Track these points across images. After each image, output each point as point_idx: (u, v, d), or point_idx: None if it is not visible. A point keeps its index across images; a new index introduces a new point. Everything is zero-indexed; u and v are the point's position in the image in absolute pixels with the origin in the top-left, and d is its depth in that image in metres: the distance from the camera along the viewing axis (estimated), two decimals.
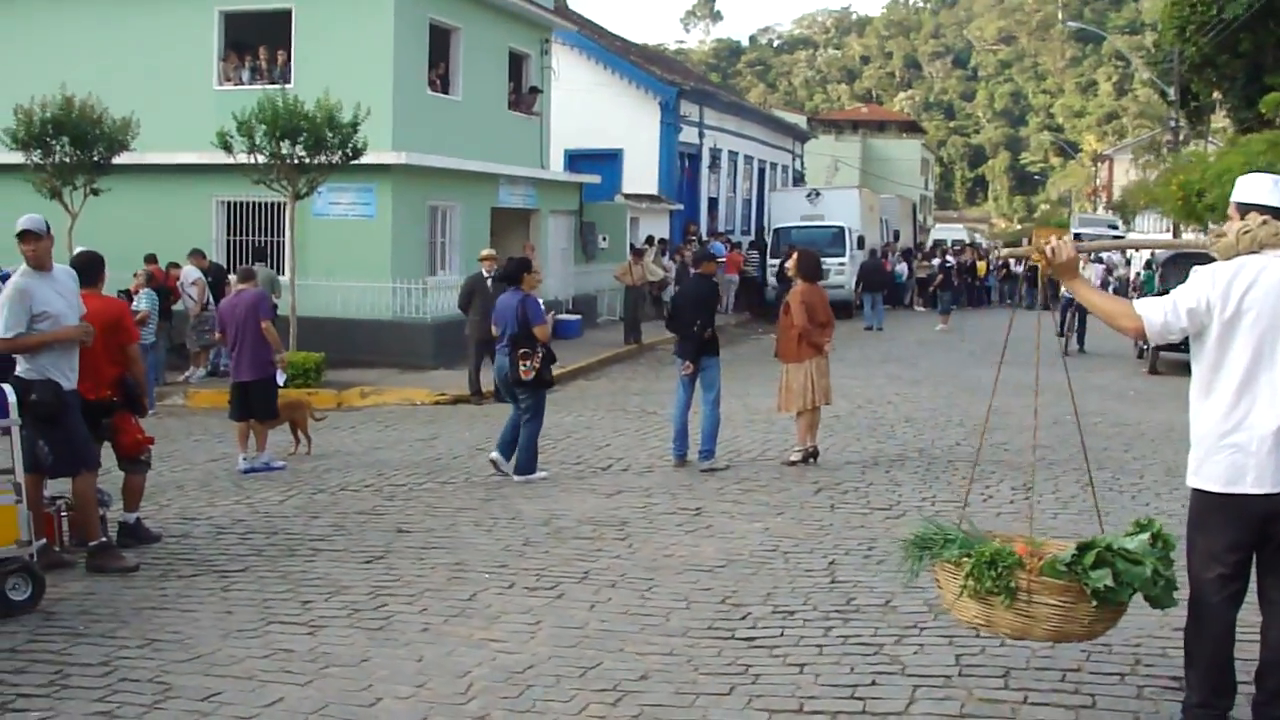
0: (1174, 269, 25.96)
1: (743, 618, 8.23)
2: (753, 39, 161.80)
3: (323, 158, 20.83)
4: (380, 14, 23.99)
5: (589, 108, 35.69)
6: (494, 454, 13.60)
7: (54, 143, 21.36)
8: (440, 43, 26.23)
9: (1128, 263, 50.55)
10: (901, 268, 43.64)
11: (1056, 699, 6.73)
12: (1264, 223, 5.73)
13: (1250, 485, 5.70)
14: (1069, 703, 6.68)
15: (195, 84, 25.08)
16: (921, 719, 6.47)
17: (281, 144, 20.44)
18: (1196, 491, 5.95)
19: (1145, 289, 45.97)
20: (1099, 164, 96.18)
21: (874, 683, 6.98)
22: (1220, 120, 58.71)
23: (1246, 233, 5.76)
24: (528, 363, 13.35)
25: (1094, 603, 5.84)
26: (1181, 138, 65.36)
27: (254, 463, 14.17)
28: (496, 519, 11.28)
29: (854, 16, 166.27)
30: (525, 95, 30.20)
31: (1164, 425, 17.90)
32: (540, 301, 14.00)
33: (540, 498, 12.29)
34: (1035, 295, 33.50)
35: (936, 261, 43.90)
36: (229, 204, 24.98)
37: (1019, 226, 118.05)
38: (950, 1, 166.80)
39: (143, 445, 10.52)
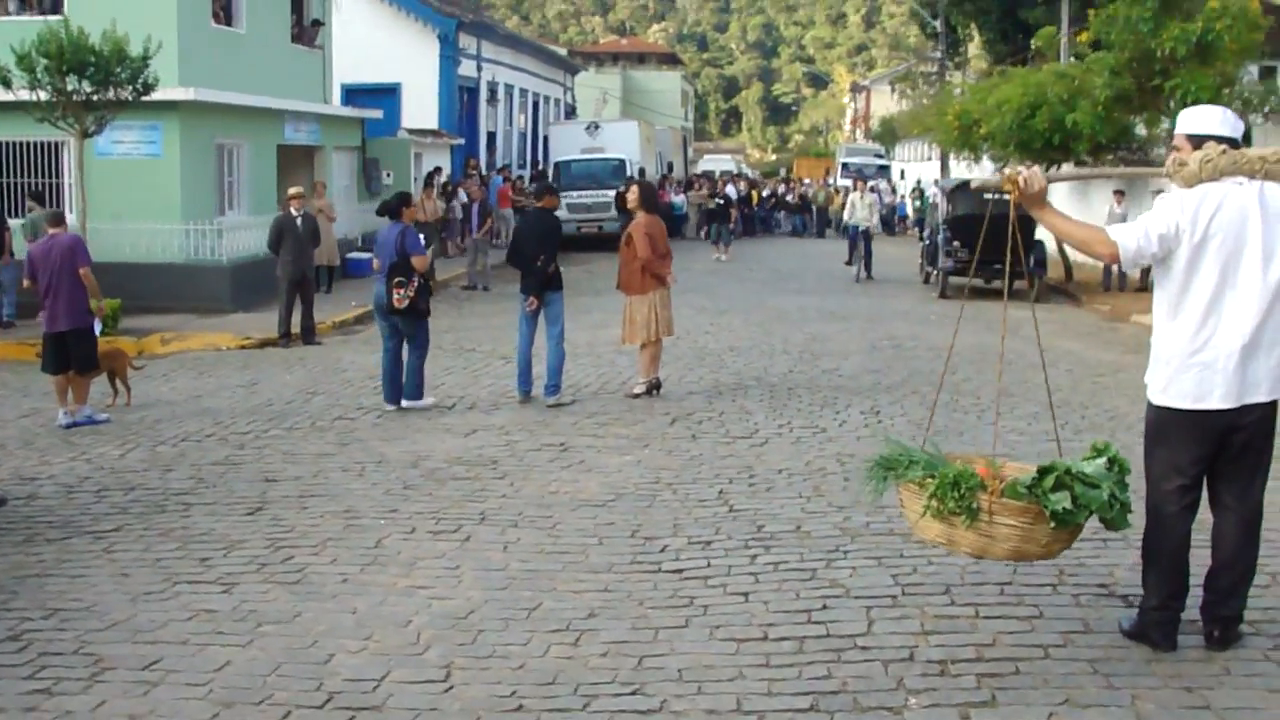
0: (959, 197, 26.67)
1: (661, 550, 8.19)
2: None
3: (112, 93, 19.80)
4: None
5: (365, 40, 34.85)
6: (389, 407, 13.64)
7: None
8: None
9: (893, 191, 51.86)
10: (680, 199, 43.91)
11: (1005, 611, 6.89)
12: (1223, 152, 5.91)
13: (1217, 401, 5.93)
14: (1019, 614, 6.85)
15: None
16: (889, 638, 6.51)
17: (68, 79, 19.37)
18: (1162, 408, 6.10)
19: (921, 218, 47.31)
20: (856, 95, 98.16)
21: (825, 606, 7.02)
22: (975, 52, 60.39)
23: (1208, 161, 5.92)
24: (401, 291, 13.46)
25: (1052, 524, 5.99)
26: (936, 69, 67.24)
27: (76, 416, 13.48)
28: (361, 463, 10.98)
29: None
30: (308, 28, 29.30)
31: (975, 347, 18.34)
32: (420, 235, 13.97)
33: (397, 439, 12.01)
34: (808, 222, 33.79)
35: (729, 191, 44.24)
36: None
37: (774, 157, 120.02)
38: None
39: None
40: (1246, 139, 22.88)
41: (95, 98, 19.72)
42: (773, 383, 15.07)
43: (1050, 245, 27.74)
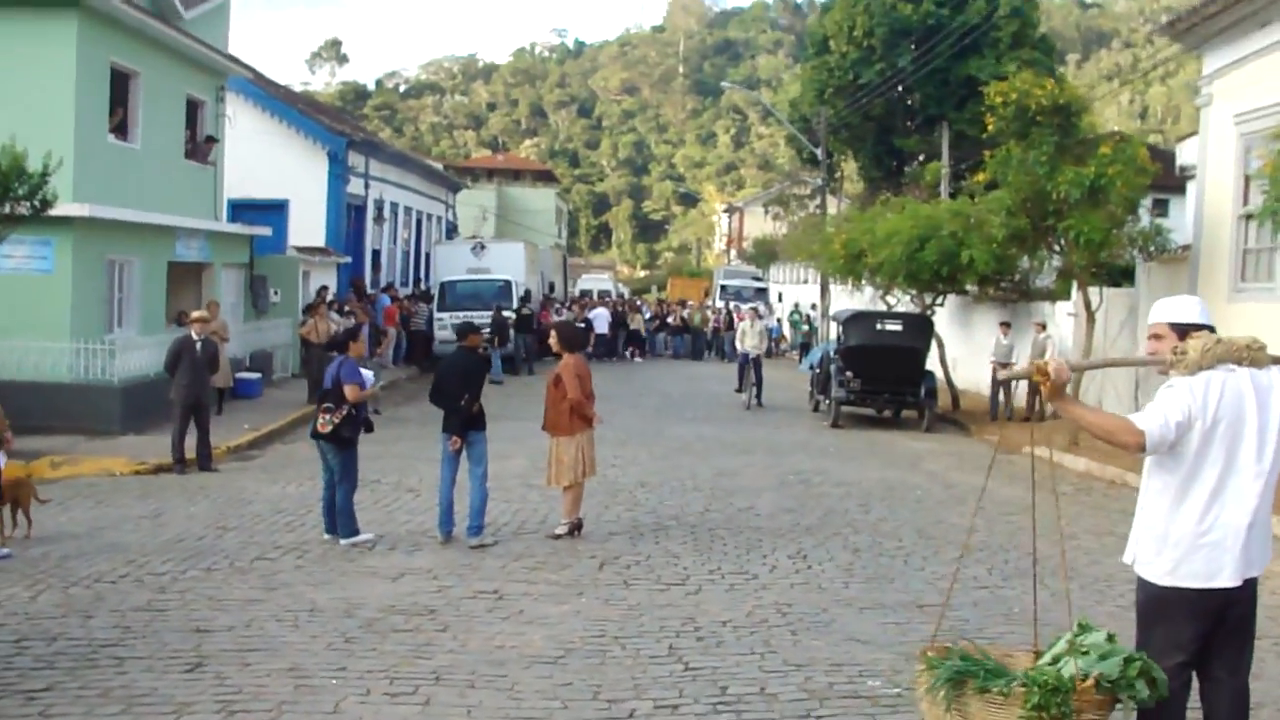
0: (853, 327, 27.01)
1: (629, 716, 8.03)
2: (379, 83, 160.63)
3: (6, 208, 19.32)
4: (61, 54, 22.41)
5: (254, 156, 34.46)
6: (326, 536, 13.65)
7: None
8: (119, 87, 24.80)
9: (770, 313, 52.33)
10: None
11: None
12: (1218, 341, 6.09)
13: (1226, 579, 6.07)
14: None
15: None
16: None
17: None
18: (1169, 588, 6.14)
19: (802, 342, 47.86)
20: (730, 215, 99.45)
21: None
22: (849, 177, 61.65)
23: (1208, 351, 6.10)
24: (327, 416, 13.51)
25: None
26: (810, 192, 68.53)
27: None
28: (293, 612, 10.66)
29: (480, 64, 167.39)
30: (201, 144, 28.99)
31: (881, 483, 18.57)
32: (361, 369, 13.89)
33: (325, 584, 11.70)
34: (688, 345, 33.79)
35: (598, 313, 44.53)
36: None
37: (643, 273, 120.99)
38: (575, 52, 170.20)
39: None
40: (1130, 277, 23.52)
41: None
42: (692, 523, 15.00)
43: (940, 374, 28.21)
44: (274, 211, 35.16)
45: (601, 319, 45.45)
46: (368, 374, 14.06)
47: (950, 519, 15.76)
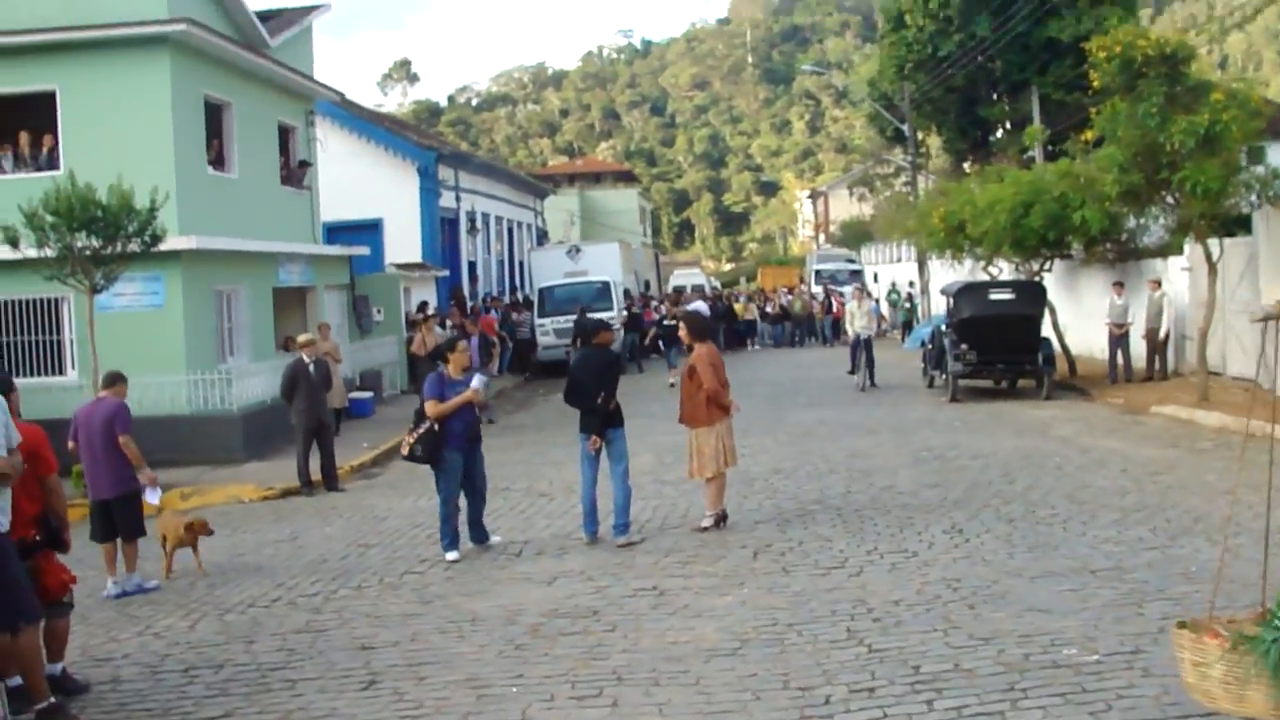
0: (964, 299, 26.53)
1: (826, 702, 7.78)
2: (451, 99, 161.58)
3: (119, 247, 19.43)
4: (156, 92, 22.61)
5: (345, 177, 34.51)
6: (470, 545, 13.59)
7: None
8: (213, 119, 24.95)
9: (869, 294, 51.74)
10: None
11: None
12: None
13: None
14: None
15: None
16: None
17: (77, 235, 19.00)
18: None
19: (904, 320, 47.35)
20: (815, 200, 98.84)
21: None
22: (935, 152, 60.92)
23: None
24: (409, 437, 13.38)
25: None
26: (894, 170, 67.83)
27: (125, 585, 12.99)
28: (455, 623, 10.50)
29: (550, 71, 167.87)
30: (295, 169, 29.10)
31: (1016, 452, 18.17)
32: (441, 380, 13.49)
33: (480, 594, 11.54)
34: (788, 332, 33.60)
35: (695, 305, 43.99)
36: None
37: (729, 266, 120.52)
38: (643, 51, 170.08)
39: (67, 586, 9.46)
40: (1249, 223, 22.89)
41: (104, 252, 19.33)
42: (836, 505, 14.70)
43: (1054, 341, 27.66)
44: (369, 231, 35.36)
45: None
46: (477, 380, 13.59)
47: (1096, 483, 15.34)
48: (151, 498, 13.44)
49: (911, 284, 49.45)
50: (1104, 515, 13.25)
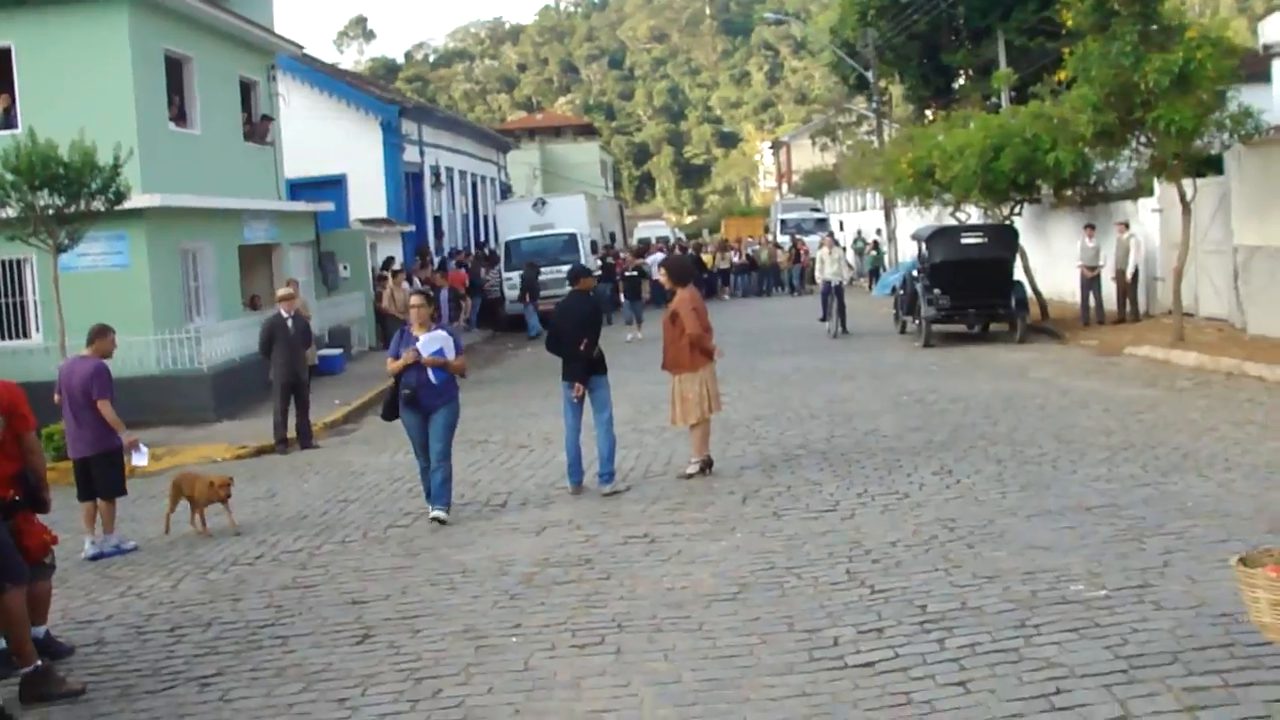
0: (937, 243, 26.43)
1: (834, 643, 7.65)
2: (408, 55, 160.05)
3: (82, 204, 19.03)
4: (116, 46, 22.12)
5: (308, 133, 33.95)
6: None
7: None
8: (174, 74, 24.49)
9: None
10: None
11: (1255, 676, 6.40)
12: None
13: None
14: (1271, 678, 6.35)
15: None
16: None
17: (39, 194, 18.61)
18: None
19: (870, 268, 47.23)
20: (777, 150, 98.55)
21: (1059, 691, 6.50)
22: (899, 100, 60.69)
23: None
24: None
25: None
26: (855, 119, 67.60)
27: (102, 546, 12.76)
28: (445, 575, 10.32)
29: (507, 26, 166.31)
30: (258, 124, 28.66)
31: (996, 395, 18.11)
32: (402, 336, 13.09)
33: (468, 545, 11.36)
34: (755, 282, 33.48)
35: (653, 258, 43.60)
36: None
37: (690, 219, 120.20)
38: (600, 4, 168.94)
39: (49, 546, 9.21)
40: (1217, 164, 22.81)
41: (67, 210, 18.95)
42: (821, 450, 14.58)
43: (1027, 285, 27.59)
44: (333, 187, 35.00)
45: (658, 265, 44.78)
46: (424, 340, 12.74)
47: (1081, 423, 15.26)
48: (138, 459, 13.17)
49: (878, 231, 49.35)
50: (1092, 454, 13.17)
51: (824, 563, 9.57)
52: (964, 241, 26.41)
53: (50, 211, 18.93)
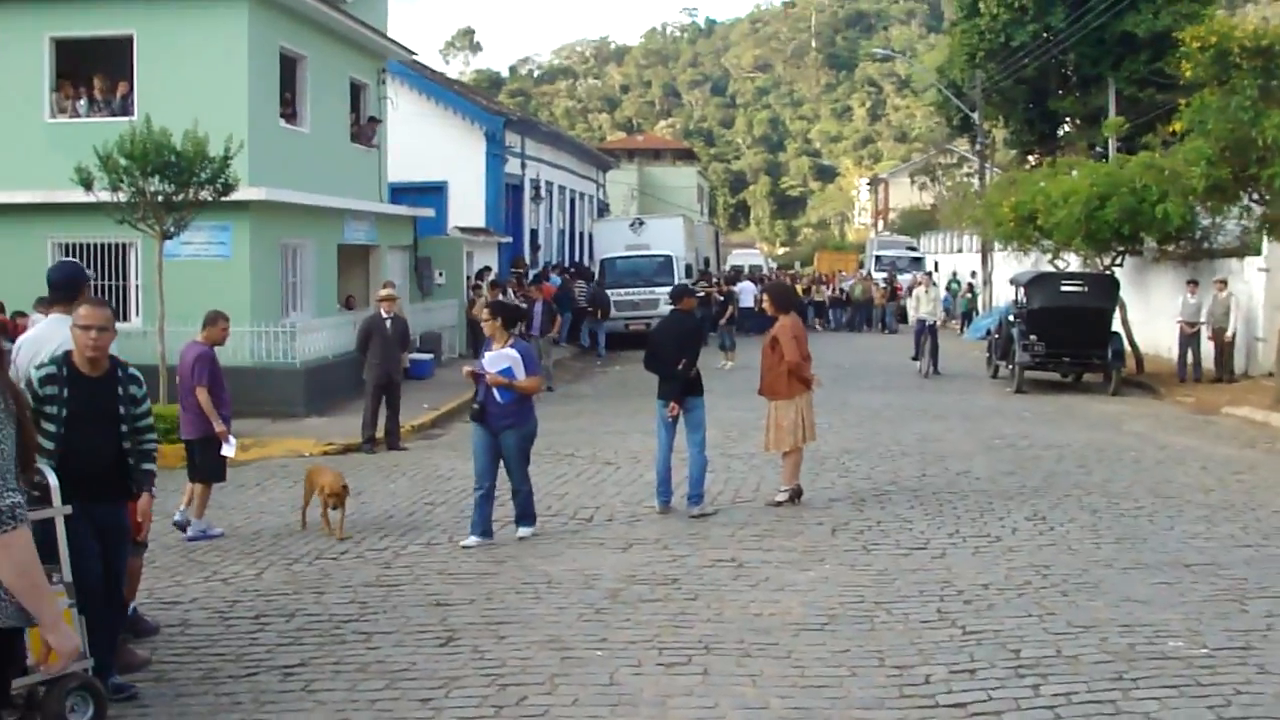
0: (1037, 289, 26.13)
1: (925, 681, 7.53)
2: (513, 70, 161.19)
3: (190, 193, 19.27)
4: (234, 40, 22.46)
5: (412, 139, 34.20)
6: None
7: None
8: (287, 71, 24.79)
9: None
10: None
11: None
12: None
13: None
14: None
15: (24, 116, 23.06)
16: None
17: (150, 180, 18.86)
18: None
19: (964, 310, 46.79)
20: (875, 187, 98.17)
21: None
22: (1001, 143, 60.25)
23: None
24: None
25: None
26: (956, 160, 67.18)
27: (191, 529, 12.86)
28: (530, 584, 10.28)
29: (613, 46, 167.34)
30: (365, 126, 28.92)
31: (1090, 445, 17.84)
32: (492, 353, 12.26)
33: (554, 556, 11.31)
34: (846, 317, 33.01)
35: (743, 287, 43.43)
36: (65, 246, 22.83)
37: (782, 250, 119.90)
38: (707, 31, 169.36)
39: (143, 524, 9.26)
40: None
41: (176, 198, 19.19)
42: (912, 487, 14.42)
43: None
44: (433, 193, 35.21)
45: (747, 293, 44.61)
46: (488, 359, 12.17)
47: (1178, 479, 15.00)
48: (227, 450, 13.24)
49: (973, 274, 48.92)
50: (1190, 511, 12.94)
51: (914, 600, 9.44)
52: (1064, 289, 26.09)
53: (160, 198, 19.17)
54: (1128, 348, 27.46)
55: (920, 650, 8.14)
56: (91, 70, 23.54)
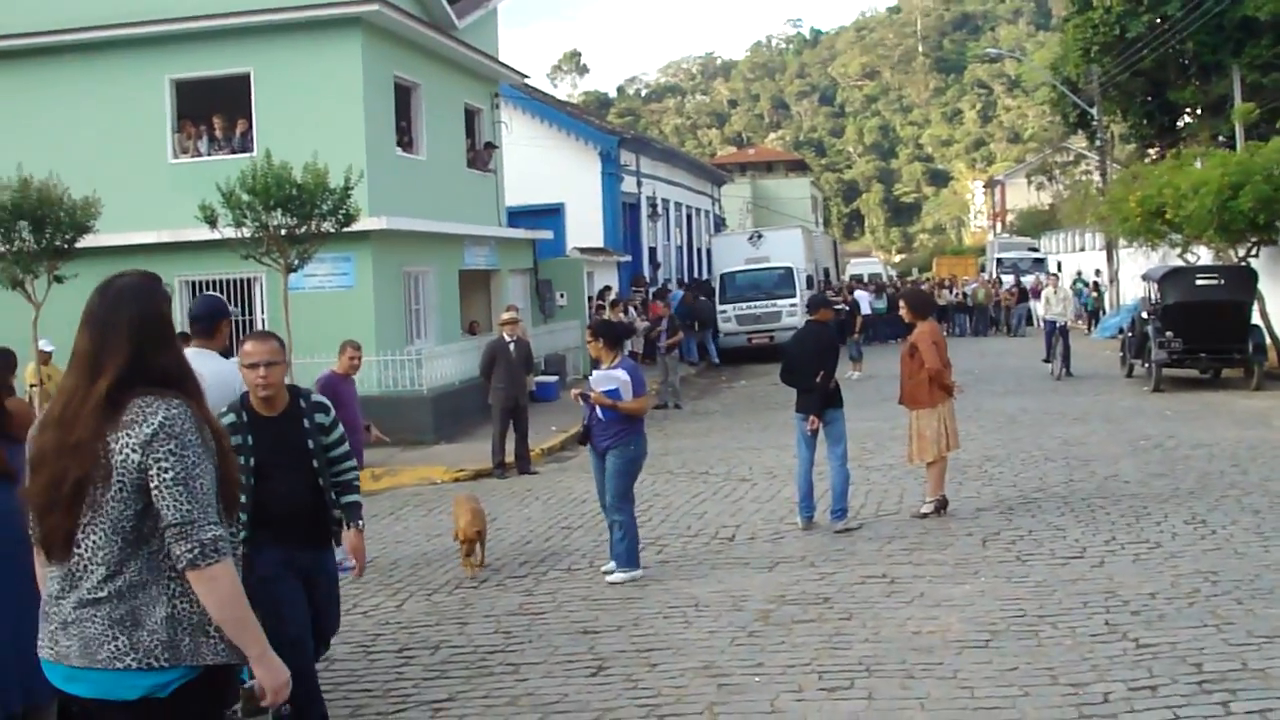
0: (1171, 284, 25.41)
1: (1105, 700, 7.14)
2: (620, 89, 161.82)
3: (313, 225, 19.33)
4: (349, 72, 22.60)
5: (527, 161, 34.30)
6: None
7: (13, 229, 19.38)
8: (402, 100, 24.91)
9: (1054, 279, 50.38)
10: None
11: None
12: None
13: None
14: None
15: (148, 158, 23.39)
16: None
17: (273, 214, 18.94)
18: None
19: (1090, 309, 45.86)
20: (991, 189, 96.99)
21: None
22: (1118, 139, 59.07)
23: None
24: None
25: None
26: (1073, 158, 66.01)
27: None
28: (678, 608, 10.01)
29: (718, 61, 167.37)
30: (481, 151, 28.97)
31: (1241, 443, 17.18)
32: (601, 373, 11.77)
33: (699, 578, 11.04)
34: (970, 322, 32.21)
35: (860, 295, 42.91)
36: (192, 283, 23.07)
37: (898, 257, 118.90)
38: (812, 41, 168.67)
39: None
40: None
41: (298, 231, 19.26)
42: (1061, 494, 13.96)
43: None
44: (550, 215, 35.20)
45: (864, 301, 44.07)
46: (594, 379, 11.74)
47: None
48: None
49: (1098, 272, 47.95)
50: None
51: (1079, 612, 9.03)
52: (1199, 283, 25.32)
53: (283, 232, 19.25)
54: (1269, 341, 26.61)
55: (1094, 666, 7.75)
56: (211, 109, 23.82)
